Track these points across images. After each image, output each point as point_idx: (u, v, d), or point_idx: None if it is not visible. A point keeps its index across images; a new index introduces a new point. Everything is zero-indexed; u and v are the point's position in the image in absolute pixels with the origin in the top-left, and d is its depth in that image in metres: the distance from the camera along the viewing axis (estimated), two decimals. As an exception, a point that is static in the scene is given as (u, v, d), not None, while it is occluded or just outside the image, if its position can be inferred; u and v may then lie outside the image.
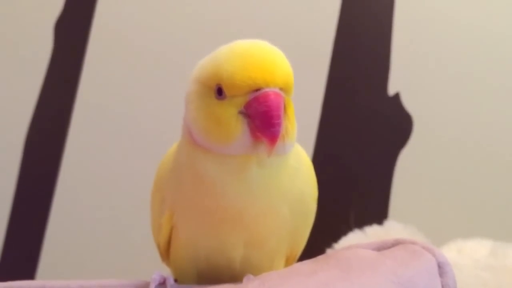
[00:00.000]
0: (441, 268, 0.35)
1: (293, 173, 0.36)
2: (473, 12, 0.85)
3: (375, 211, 0.82)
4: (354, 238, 0.69)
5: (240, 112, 0.33)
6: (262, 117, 0.32)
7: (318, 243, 0.59)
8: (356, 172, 0.85)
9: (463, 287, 0.39)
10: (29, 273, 0.89)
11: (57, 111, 0.95)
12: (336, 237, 0.72)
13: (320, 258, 0.37)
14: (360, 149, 0.85)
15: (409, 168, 0.83)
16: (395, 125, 0.84)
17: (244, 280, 0.35)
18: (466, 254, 0.63)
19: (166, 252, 0.41)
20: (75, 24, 0.97)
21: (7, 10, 1.00)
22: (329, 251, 0.69)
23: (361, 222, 0.73)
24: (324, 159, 0.85)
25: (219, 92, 0.34)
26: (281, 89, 0.33)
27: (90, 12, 0.96)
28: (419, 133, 0.83)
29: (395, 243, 0.37)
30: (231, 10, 0.92)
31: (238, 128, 0.33)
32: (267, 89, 0.33)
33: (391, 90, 0.86)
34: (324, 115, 0.86)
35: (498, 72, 0.84)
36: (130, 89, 0.93)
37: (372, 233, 0.69)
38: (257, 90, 0.33)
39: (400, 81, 0.86)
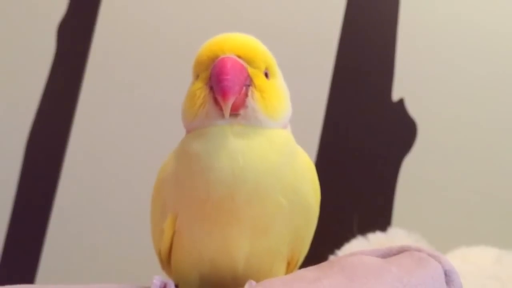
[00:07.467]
0: (448, 276, 0.34)
1: (284, 158, 0.35)
2: (478, 18, 0.85)
3: (379, 217, 0.81)
4: (357, 245, 0.68)
5: (207, 85, 0.35)
6: (214, 78, 0.34)
7: (321, 249, 0.59)
8: (360, 178, 0.84)
9: (469, 295, 0.38)
10: (29, 277, 0.89)
11: (59, 113, 0.95)
12: (339, 244, 0.71)
13: (324, 264, 0.36)
14: (364, 155, 0.84)
15: (413, 175, 0.82)
16: (399, 131, 0.84)
17: (246, 286, 0.34)
18: (470, 261, 0.62)
19: (167, 259, 0.40)
20: (78, 27, 0.97)
21: (10, 13, 1.00)
22: (332, 258, 0.68)
23: (365, 228, 0.72)
24: (327, 164, 0.84)
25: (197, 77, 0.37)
26: (240, 57, 0.35)
27: (94, 15, 0.96)
28: (423, 139, 0.83)
29: (401, 250, 0.36)
30: (232, 10, 0.92)
31: (205, 99, 0.35)
32: (222, 56, 0.35)
33: (395, 96, 0.85)
34: (328, 120, 0.86)
35: (503, 78, 0.83)
36: (133, 92, 0.93)
37: (375, 240, 0.69)
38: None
39: (404, 86, 0.85)
